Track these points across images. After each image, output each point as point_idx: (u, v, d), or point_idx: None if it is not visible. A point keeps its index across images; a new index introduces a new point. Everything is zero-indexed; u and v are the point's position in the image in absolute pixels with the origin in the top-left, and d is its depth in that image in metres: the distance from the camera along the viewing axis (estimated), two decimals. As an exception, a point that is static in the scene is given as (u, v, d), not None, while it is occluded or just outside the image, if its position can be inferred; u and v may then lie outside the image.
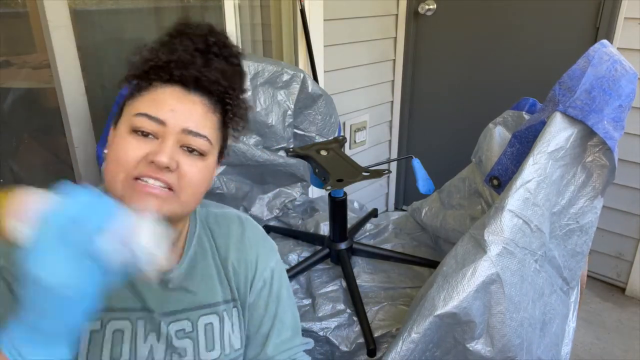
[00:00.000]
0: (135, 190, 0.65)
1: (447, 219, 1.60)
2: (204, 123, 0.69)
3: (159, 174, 0.65)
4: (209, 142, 0.70)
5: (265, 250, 0.86)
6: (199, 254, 0.80)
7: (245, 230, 0.85)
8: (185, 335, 0.77)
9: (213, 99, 0.71)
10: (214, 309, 0.79)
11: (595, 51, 1.08)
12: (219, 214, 0.85)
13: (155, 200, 0.65)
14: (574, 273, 1.17)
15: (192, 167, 0.68)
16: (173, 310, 0.76)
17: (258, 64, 1.61)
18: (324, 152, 1.47)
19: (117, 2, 1.72)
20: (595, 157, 1.09)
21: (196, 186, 0.70)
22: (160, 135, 0.66)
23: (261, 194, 1.81)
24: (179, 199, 0.68)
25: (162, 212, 0.66)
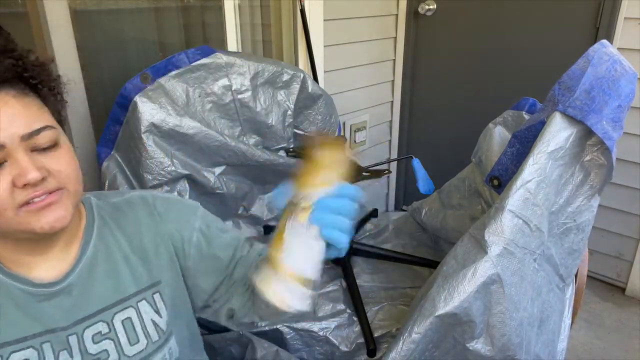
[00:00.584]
0: (33, 213, 0.62)
1: (447, 219, 1.60)
2: (31, 115, 0.63)
3: (39, 189, 0.61)
4: (50, 128, 0.64)
5: (182, 217, 0.83)
6: (100, 251, 0.76)
7: (152, 207, 0.81)
8: (104, 337, 0.74)
9: (13, 83, 0.62)
10: (127, 302, 0.76)
11: (595, 51, 1.09)
12: (120, 203, 0.81)
13: (57, 205, 0.64)
14: (570, 270, 1.17)
15: (59, 161, 0.65)
16: (83, 316, 0.73)
17: (258, 64, 1.61)
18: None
19: (117, 2, 1.72)
20: (594, 157, 1.09)
21: (74, 173, 0.68)
22: (7, 157, 0.60)
23: (261, 194, 1.81)
24: (69, 192, 0.66)
25: (69, 211, 0.65)
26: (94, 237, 0.77)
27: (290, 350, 1.34)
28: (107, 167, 1.43)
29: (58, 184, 0.64)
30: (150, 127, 1.36)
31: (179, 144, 1.44)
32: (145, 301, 0.78)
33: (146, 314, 0.78)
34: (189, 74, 1.49)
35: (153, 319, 0.78)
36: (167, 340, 0.80)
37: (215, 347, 1.28)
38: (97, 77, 1.62)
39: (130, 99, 1.36)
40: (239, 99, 1.59)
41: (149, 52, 1.79)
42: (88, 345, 0.72)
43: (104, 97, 1.62)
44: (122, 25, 1.72)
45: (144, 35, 1.79)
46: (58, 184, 0.64)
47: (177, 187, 1.47)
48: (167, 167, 1.40)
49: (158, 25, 1.82)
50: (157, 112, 1.37)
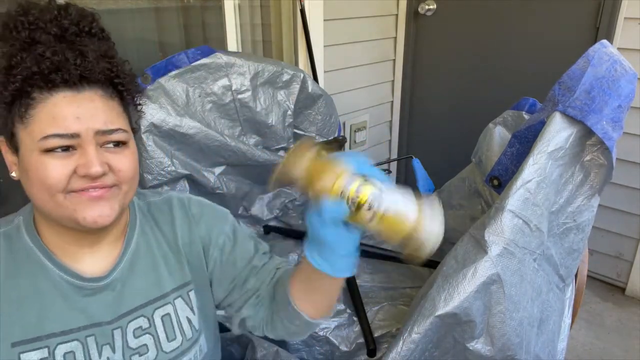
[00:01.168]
0: (82, 201, 0.65)
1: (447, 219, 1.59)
2: (111, 115, 0.67)
3: (98, 182, 0.65)
4: (124, 131, 0.69)
5: (214, 221, 0.86)
6: (141, 247, 0.79)
7: (187, 209, 0.84)
8: (144, 332, 0.76)
9: (104, 85, 0.68)
10: (165, 299, 0.78)
11: (595, 51, 1.08)
12: (158, 202, 0.84)
13: (105, 202, 0.66)
14: (570, 270, 1.17)
15: (122, 160, 0.68)
16: (126, 311, 0.75)
17: (258, 64, 1.61)
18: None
19: (117, 2, 1.72)
20: (594, 157, 1.09)
21: (132, 175, 0.70)
22: (78, 146, 0.64)
23: (261, 194, 1.81)
24: (121, 191, 0.69)
25: (114, 210, 0.67)
26: (136, 233, 0.79)
27: (290, 350, 1.34)
28: (107, 167, 1.43)
29: (115, 181, 0.67)
30: (150, 127, 1.36)
31: (179, 144, 1.44)
32: (181, 298, 0.80)
33: (182, 311, 0.80)
34: (189, 74, 1.49)
35: (188, 317, 0.80)
36: (199, 339, 0.82)
37: (215, 347, 1.28)
38: (97, 77, 1.62)
39: (130, 99, 1.36)
40: (239, 99, 1.59)
41: (149, 52, 1.79)
42: (129, 339, 0.74)
43: (104, 97, 1.62)
44: (122, 25, 1.72)
45: (144, 35, 1.79)
46: (115, 181, 0.67)
47: (177, 187, 1.47)
48: (167, 167, 1.40)
49: (158, 25, 1.82)
50: (157, 112, 1.37)
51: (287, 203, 1.89)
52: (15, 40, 0.64)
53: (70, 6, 0.67)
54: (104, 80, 0.68)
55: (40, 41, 0.64)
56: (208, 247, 0.84)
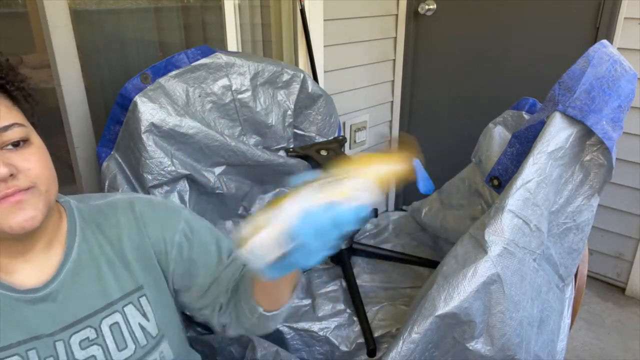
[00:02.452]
0: (2, 210, 0.62)
1: (447, 219, 1.60)
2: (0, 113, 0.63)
3: (9, 187, 0.61)
4: (20, 126, 0.64)
5: (165, 219, 0.82)
6: (84, 255, 0.75)
7: (135, 212, 0.80)
8: (91, 342, 0.73)
9: None
10: (113, 307, 0.75)
11: (595, 51, 1.09)
12: (103, 205, 0.80)
13: (27, 205, 0.63)
14: (570, 270, 1.17)
15: (28, 159, 0.64)
16: (70, 322, 0.72)
17: (258, 64, 1.61)
18: (324, 152, 1.48)
19: (117, 2, 1.72)
20: (593, 156, 1.09)
21: (46, 172, 0.67)
22: None
23: (261, 194, 1.81)
24: (40, 192, 0.65)
25: (40, 211, 0.65)
26: (77, 240, 0.75)
27: (290, 350, 1.34)
28: (107, 167, 1.43)
29: (29, 182, 0.64)
30: (150, 127, 1.36)
31: (179, 144, 1.44)
32: (132, 305, 0.77)
33: (133, 318, 0.77)
34: (189, 74, 1.49)
35: (140, 323, 0.77)
36: (158, 345, 0.79)
37: (215, 347, 1.28)
38: (97, 77, 1.62)
39: (130, 99, 1.36)
40: (239, 99, 1.59)
41: (149, 52, 1.79)
42: (75, 351, 0.71)
43: (104, 97, 1.62)
44: (122, 25, 1.72)
45: (144, 35, 1.79)
46: (29, 182, 0.64)
47: (177, 187, 1.47)
48: (167, 167, 1.40)
49: (158, 25, 1.82)
50: (157, 112, 1.37)
51: (287, 203, 1.89)
52: None
53: None
54: None
55: None
56: (164, 248, 0.80)
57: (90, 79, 1.53)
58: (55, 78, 1.43)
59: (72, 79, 1.45)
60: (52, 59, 1.41)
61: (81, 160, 1.51)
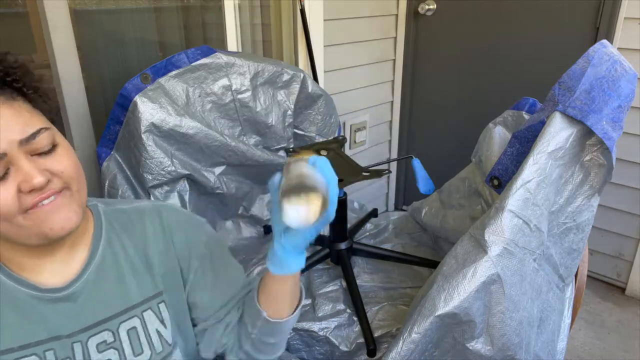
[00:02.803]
0: (42, 215, 0.62)
1: (447, 219, 1.60)
2: (24, 119, 0.62)
3: (45, 191, 0.62)
4: (46, 129, 0.64)
5: (190, 229, 0.83)
6: (108, 258, 0.75)
7: (162, 219, 0.80)
8: (108, 346, 0.73)
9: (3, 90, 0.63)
10: (132, 312, 0.75)
11: (595, 51, 1.08)
12: (129, 210, 0.81)
13: (64, 207, 0.64)
14: (570, 270, 1.17)
15: (59, 161, 0.65)
16: (89, 325, 0.72)
17: (258, 64, 1.61)
18: (324, 152, 1.47)
19: (117, 2, 1.72)
20: (594, 156, 1.09)
21: (77, 172, 0.67)
22: (9, 164, 0.60)
23: (261, 194, 1.81)
24: (73, 192, 0.66)
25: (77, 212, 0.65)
26: (102, 243, 0.76)
27: (290, 350, 1.34)
28: (107, 167, 1.43)
29: (62, 183, 0.65)
30: (150, 127, 1.36)
31: (179, 144, 1.44)
32: (150, 310, 0.77)
33: (151, 324, 0.77)
34: (189, 74, 1.49)
35: (158, 329, 0.78)
36: (171, 353, 0.79)
37: (215, 347, 1.28)
38: (97, 77, 1.62)
39: (130, 99, 1.36)
40: (239, 99, 1.59)
41: (149, 52, 1.79)
42: (92, 354, 0.71)
43: (104, 97, 1.62)
44: (122, 25, 1.72)
45: (144, 35, 1.79)
46: (62, 184, 0.64)
47: (177, 187, 1.47)
48: (167, 167, 1.40)
49: (158, 25, 1.82)
50: (157, 112, 1.37)
51: (287, 203, 1.89)
52: None
53: None
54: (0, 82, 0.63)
55: None
56: (188, 257, 0.81)
57: (90, 79, 1.53)
58: (55, 78, 1.43)
59: (72, 79, 1.45)
60: (52, 59, 1.41)
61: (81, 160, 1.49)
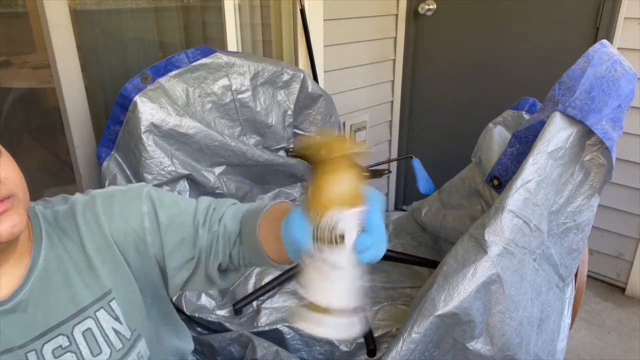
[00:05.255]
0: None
1: (447, 219, 1.60)
2: None
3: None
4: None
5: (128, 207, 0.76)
6: (51, 262, 0.73)
7: (96, 210, 0.75)
8: (64, 350, 0.71)
9: None
10: (85, 313, 0.73)
11: (595, 51, 1.08)
12: (65, 210, 0.77)
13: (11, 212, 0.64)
14: (570, 270, 1.17)
15: (4, 168, 0.65)
16: (41, 332, 0.70)
17: (258, 64, 1.61)
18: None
19: (117, 2, 1.72)
20: (593, 156, 1.09)
21: (20, 179, 0.67)
22: None
23: (261, 194, 1.81)
24: (20, 199, 0.66)
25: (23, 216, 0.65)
26: (44, 247, 0.73)
27: (290, 350, 1.34)
28: (107, 167, 1.43)
29: (9, 190, 0.64)
30: (150, 127, 1.36)
31: (179, 144, 1.44)
32: (103, 310, 0.75)
33: (106, 323, 0.75)
34: (188, 74, 1.49)
35: (114, 327, 0.76)
36: (134, 346, 0.77)
37: (215, 347, 1.28)
38: (97, 77, 1.62)
39: (130, 99, 1.36)
40: (239, 99, 1.59)
41: (149, 52, 1.79)
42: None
43: (104, 97, 1.62)
44: (122, 25, 1.72)
45: (144, 35, 1.79)
46: (9, 191, 0.64)
47: (177, 187, 1.47)
48: (167, 167, 1.40)
49: (158, 25, 1.82)
50: (157, 112, 1.37)
51: (287, 203, 1.89)
52: None
53: None
54: None
55: None
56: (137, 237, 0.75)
57: (90, 79, 1.53)
58: (55, 78, 1.43)
59: (72, 79, 1.45)
60: (52, 59, 1.41)
61: (81, 160, 1.51)
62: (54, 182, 1.78)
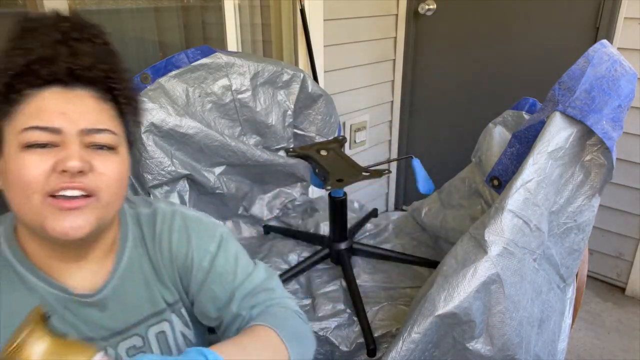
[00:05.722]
0: (54, 210, 0.59)
1: (447, 219, 1.60)
2: (100, 116, 0.63)
3: (74, 181, 0.59)
4: (113, 134, 0.64)
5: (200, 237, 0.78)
6: (134, 261, 0.74)
7: (172, 224, 0.77)
8: (137, 350, 0.72)
9: (98, 87, 0.64)
10: (161, 316, 0.75)
11: (595, 51, 1.08)
12: (147, 214, 0.78)
13: (79, 213, 0.61)
14: (571, 270, 1.17)
15: (107, 164, 0.63)
16: (118, 330, 0.71)
17: (258, 64, 1.61)
18: (324, 152, 1.48)
19: (117, 2, 1.72)
20: (594, 156, 1.09)
21: (116, 184, 0.64)
22: (60, 143, 0.60)
23: (261, 194, 1.81)
24: (100, 203, 0.63)
25: (89, 223, 0.62)
26: (129, 246, 0.74)
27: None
28: (107, 167, 1.43)
29: (94, 186, 0.62)
30: (150, 127, 1.36)
31: (179, 144, 1.44)
32: (175, 314, 0.77)
33: (178, 327, 0.77)
34: (188, 73, 1.49)
35: (183, 332, 0.77)
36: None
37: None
38: (97, 77, 1.62)
39: (130, 99, 1.36)
40: (239, 99, 1.59)
41: (149, 52, 1.79)
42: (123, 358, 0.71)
43: (104, 97, 1.62)
44: (122, 25, 1.72)
45: (144, 35, 1.79)
46: (94, 187, 0.62)
47: (177, 187, 1.47)
48: (167, 167, 1.40)
49: (158, 25, 1.82)
50: (157, 112, 1.37)
51: (287, 203, 1.89)
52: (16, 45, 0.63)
53: (74, 15, 0.65)
54: (99, 82, 0.64)
55: (38, 41, 0.62)
56: (190, 266, 0.77)
57: (90, 79, 1.53)
58: (55, 78, 1.43)
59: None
60: (52, 59, 1.40)
61: (81, 160, 1.50)
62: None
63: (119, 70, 0.67)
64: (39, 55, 0.60)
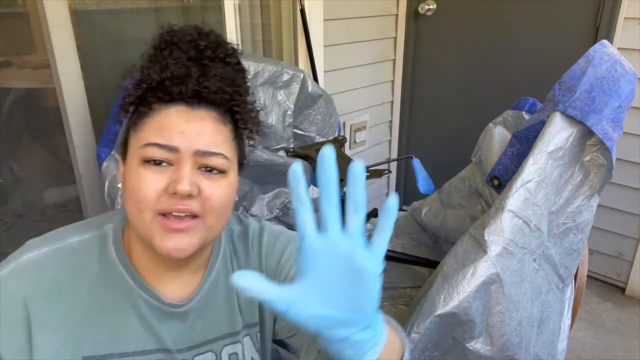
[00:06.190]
0: (162, 229, 0.62)
1: (447, 219, 1.60)
2: (217, 139, 0.65)
3: (183, 204, 0.62)
4: (225, 159, 0.65)
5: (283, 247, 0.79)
6: (221, 277, 0.75)
7: (262, 243, 0.79)
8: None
9: (220, 109, 0.66)
10: (236, 337, 0.75)
11: (596, 51, 1.08)
12: (239, 231, 0.80)
13: (185, 235, 0.63)
14: (570, 271, 1.17)
15: (214, 189, 0.64)
16: (195, 344, 0.72)
17: (258, 64, 1.61)
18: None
19: (117, 2, 1.72)
20: (593, 157, 1.09)
21: (221, 208, 0.65)
22: (175, 162, 0.62)
23: (261, 194, 1.81)
24: (205, 225, 0.64)
25: (192, 245, 0.64)
26: (219, 261, 0.75)
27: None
28: (107, 167, 1.43)
29: (200, 210, 0.63)
30: (150, 127, 1.36)
31: (179, 144, 1.44)
32: (249, 338, 0.77)
33: (249, 351, 0.77)
34: (189, 74, 1.48)
35: (253, 357, 0.77)
36: None
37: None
38: (97, 77, 1.62)
39: (130, 99, 1.36)
40: (239, 99, 1.59)
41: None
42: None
43: (104, 97, 1.62)
44: (122, 25, 1.72)
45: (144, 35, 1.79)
46: (201, 209, 0.63)
47: (177, 187, 1.46)
48: (167, 167, 1.40)
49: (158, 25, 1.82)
50: (157, 112, 1.37)
51: (287, 203, 1.89)
52: (155, 57, 0.65)
53: (212, 33, 0.67)
54: (221, 104, 0.66)
55: (173, 57, 0.64)
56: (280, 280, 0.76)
57: (90, 79, 1.53)
58: (55, 78, 1.43)
59: (72, 79, 1.45)
60: (52, 59, 1.40)
61: (81, 160, 1.51)
62: (54, 182, 1.78)
63: (243, 93, 0.69)
64: (172, 73, 0.63)
